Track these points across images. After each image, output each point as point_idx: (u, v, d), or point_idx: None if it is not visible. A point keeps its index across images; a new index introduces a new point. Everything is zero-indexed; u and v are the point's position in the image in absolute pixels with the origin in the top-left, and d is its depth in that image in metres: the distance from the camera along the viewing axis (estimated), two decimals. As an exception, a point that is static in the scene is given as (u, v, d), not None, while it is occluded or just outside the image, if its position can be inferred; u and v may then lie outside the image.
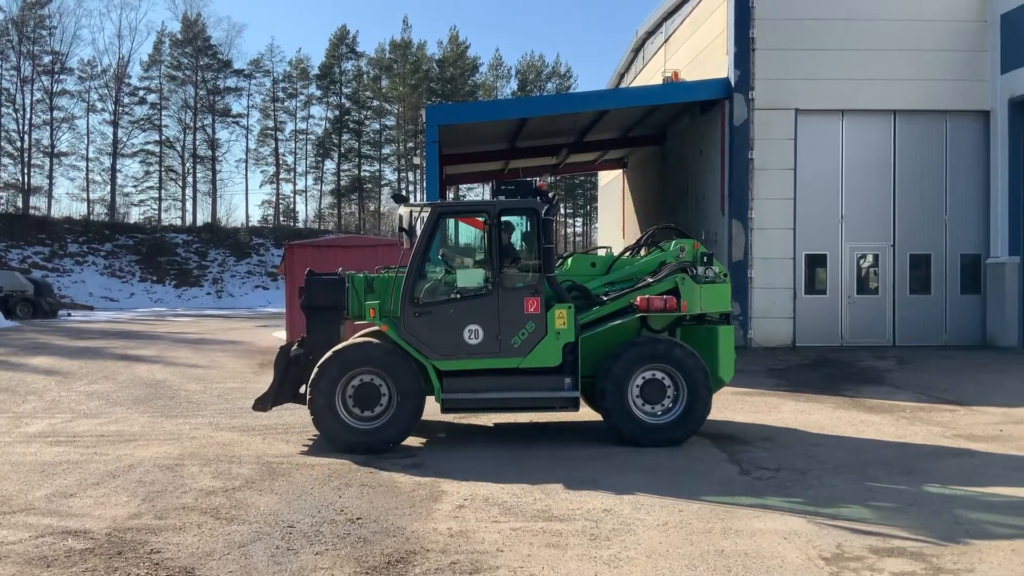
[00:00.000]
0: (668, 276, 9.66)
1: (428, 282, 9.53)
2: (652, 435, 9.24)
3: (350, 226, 74.88)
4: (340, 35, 76.63)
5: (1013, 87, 19.16)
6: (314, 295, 9.87)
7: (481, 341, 9.20)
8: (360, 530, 6.30)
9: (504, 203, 9.41)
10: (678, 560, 5.60)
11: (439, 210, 9.49)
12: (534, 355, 9.24)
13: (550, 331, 9.23)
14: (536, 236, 9.35)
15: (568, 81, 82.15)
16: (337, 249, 19.18)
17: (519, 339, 9.22)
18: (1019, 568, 5.40)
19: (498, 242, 9.24)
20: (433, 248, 9.55)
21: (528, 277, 9.34)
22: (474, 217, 9.91)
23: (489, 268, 9.33)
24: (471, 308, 9.26)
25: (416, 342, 9.19)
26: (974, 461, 8.51)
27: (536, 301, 9.21)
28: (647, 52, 29.94)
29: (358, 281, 9.96)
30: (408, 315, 9.21)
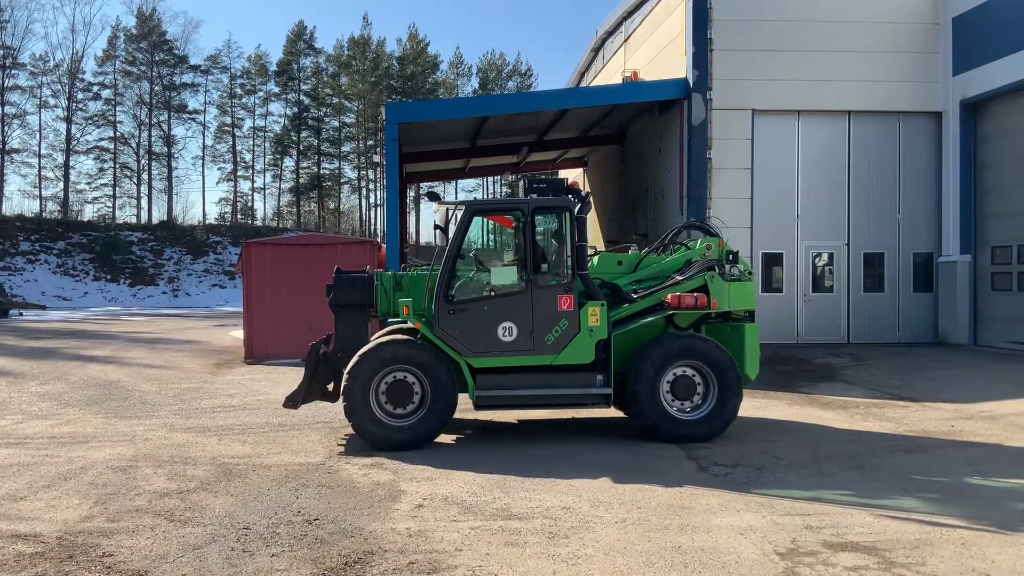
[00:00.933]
0: (697, 274, 9.79)
1: (462, 280, 9.59)
2: (686, 431, 9.36)
3: (309, 224, 74.23)
4: (298, 31, 75.93)
5: (965, 89, 19.54)
6: (342, 293, 9.95)
7: (515, 338, 9.28)
8: (317, 531, 6.25)
9: (538, 201, 9.48)
10: (636, 557, 5.63)
11: (473, 208, 9.59)
12: (567, 352, 9.32)
13: (583, 328, 9.32)
14: (569, 234, 9.42)
15: (529, 80, 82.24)
16: (296, 247, 18.96)
17: (552, 336, 9.31)
18: (969, 561, 5.51)
19: (532, 240, 9.30)
20: (467, 246, 9.61)
21: (562, 274, 9.42)
22: (508, 215, 9.89)
23: (523, 266, 9.37)
24: (505, 305, 9.33)
25: (450, 339, 9.26)
26: (926, 457, 8.67)
27: (570, 299, 9.31)
28: (607, 51, 30.06)
29: (387, 279, 10.05)
30: (443, 313, 9.27)
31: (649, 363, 9.33)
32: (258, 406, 12.30)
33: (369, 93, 73.81)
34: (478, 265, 9.91)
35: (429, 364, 9.15)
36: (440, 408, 9.17)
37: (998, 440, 9.45)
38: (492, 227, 10.37)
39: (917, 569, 5.37)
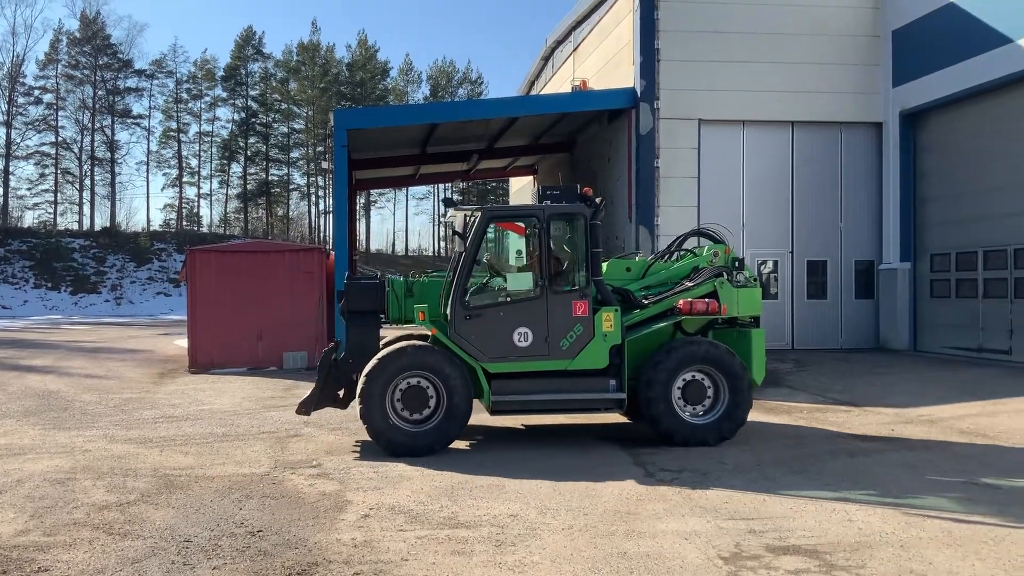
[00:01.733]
0: (707, 280, 9.91)
1: (478, 286, 9.66)
2: (700, 435, 9.48)
3: (257, 231, 73.28)
4: (246, 36, 75.03)
5: (904, 100, 20.03)
6: (354, 300, 9.93)
7: (530, 344, 9.34)
8: (260, 543, 6.16)
9: (554, 208, 9.51)
10: (582, 564, 5.65)
11: (489, 215, 9.63)
12: (582, 357, 9.40)
13: (597, 333, 9.41)
14: (584, 240, 9.48)
15: (480, 87, 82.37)
16: (242, 254, 18.69)
17: (567, 341, 9.38)
18: (907, 563, 5.62)
19: (547, 246, 9.36)
20: (482, 252, 9.66)
21: (577, 280, 9.48)
22: (524, 222, 9.90)
23: (538, 272, 9.41)
24: (521, 311, 9.38)
25: (466, 345, 9.31)
26: (867, 460, 8.83)
27: (584, 304, 9.40)
28: (556, 60, 30.23)
29: (398, 285, 10.15)
30: (459, 318, 9.31)
31: (663, 369, 9.45)
32: (202, 416, 12.10)
33: (318, 99, 73.26)
34: (494, 271, 9.98)
35: (445, 369, 9.17)
36: (456, 413, 9.20)
37: (937, 444, 9.67)
38: (510, 232, 10.37)
39: (857, 572, 5.47)
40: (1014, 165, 17.36)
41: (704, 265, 10.31)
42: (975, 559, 5.68)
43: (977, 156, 18.40)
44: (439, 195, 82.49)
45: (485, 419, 11.03)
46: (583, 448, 9.54)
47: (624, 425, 10.97)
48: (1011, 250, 17.45)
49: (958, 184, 18.99)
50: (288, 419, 11.73)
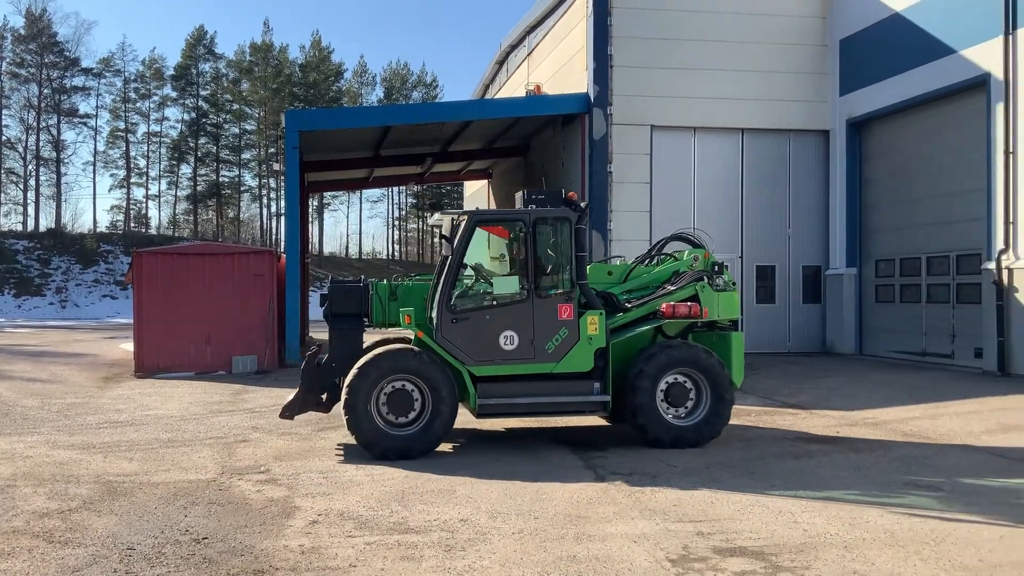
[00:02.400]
0: (688, 284, 10.07)
1: (464, 289, 9.73)
2: (684, 436, 9.59)
3: (207, 233, 72.24)
4: (197, 35, 73.99)
5: (851, 108, 20.44)
6: (337, 303, 9.94)
7: (516, 347, 9.38)
8: (206, 550, 6.06)
9: (539, 212, 9.57)
10: (531, 568, 5.65)
11: (475, 218, 9.65)
12: (567, 360, 9.46)
13: (582, 337, 9.48)
14: (569, 244, 9.55)
15: (434, 91, 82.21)
16: (190, 257, 18.38)
17: (553, 344, 9.43)
18: (851, 564, 5.72)
19: (533, 250, 9.42)
20: (468, 256, 9.67)
21: (562, 284, 9.55)
22: (510, 226, 9.95)
23: (524, 275, 9.47)
24: (507, 314, 9.44)
25: (453, 348, 9.33)
26: (812, 462, 8.97)
27: (569, 308, 9.46)
28: (511, 65, 30.31)
29: (382, 288, 10.18)
30: (445, 322, 9.33)
31: (647, 372, 9.54)
32: (147, 422, 11.88)
33: (271, 100, 72.50)
34: (479, 275, 10.00)
35: (430, 373, 9.19)
36: (442, 417, 9.21)
37: (881, 445, 9.86)
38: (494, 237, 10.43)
39: (802, 573, 5.55)
40: (956, 173, 17.81)
41: (685, 269, 10.47)
42: (917, 559, 5.79)
43: (921, 164, 18.84)
44: (393, 198, 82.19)
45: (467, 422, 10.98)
46: (535, 452, 9.56)
47: (577, 428, 11.02)
48: (953, 256, 17.88)
49: (903, 191, 19.42)
50: (236, 424, 11.57)
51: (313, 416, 12.15)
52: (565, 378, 9.56)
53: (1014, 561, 5.74)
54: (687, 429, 9.64)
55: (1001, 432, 10.67)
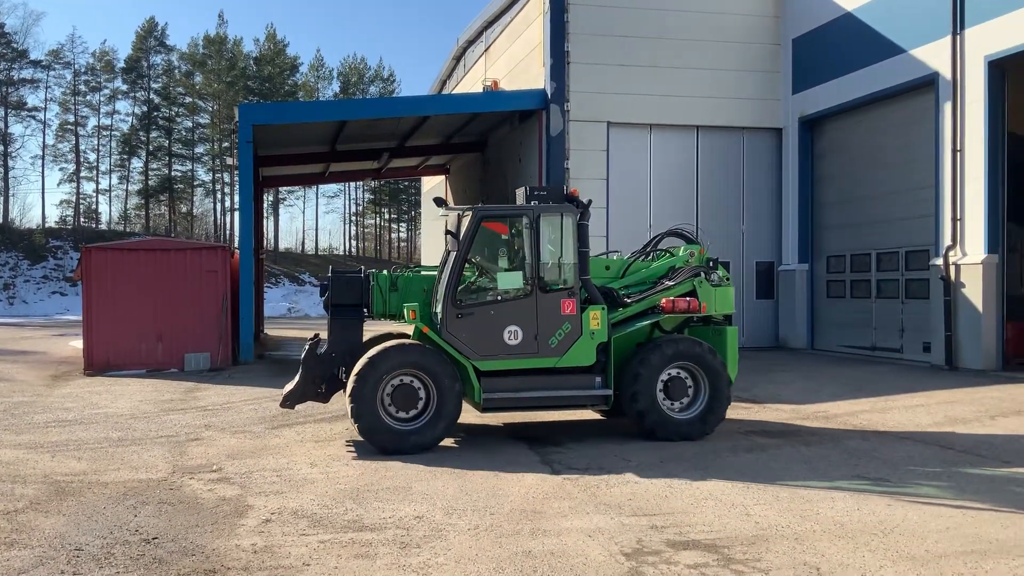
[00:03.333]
0: (687, 279, 10.21)
1: (468, 284, 9.79)
2: (684, 429, 9.78)
3: (159, 229, 71.04)
4: (148, 27, 72.64)
5: (803, 107, 20.73)
6: (338, 293, 9.96)
7: (520, 341, 9.49)
8: (156, 550, 5.96)
9: (543, 208, 9.68)
10: (486, 564, 5.65)
11: (480, 214, 9.66)
12: (570, 355, 9.60)
13: (585, 331, 9.60)
14: (572, 240, 9.66)
15: (392, 85, 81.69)
16: (141, 253, 18.04)
17: (556, 339, 9.55)
18: (801, 556, 5.80)
19: (537, 245, 9.54)
20: (472, 252, 9.75)
21: (565, 279, 9.64)
22: (514, 221, 9.95)
23: (527, 271, 9.57)
24: (511, 309, 9.54)
25: (457, 343, 9.40)
26: (764, 456, 9.09)
27: (572, 303, 9.60)
28: (468, 60, 30.24)
29: (383, 279, 10.16)
30: (450, 317, 9.39)
31: (648, 366, 9.69)
32: (97, 420, 11.66)
33: (224, 93, 71.47)
34: (483, 270, 10.07)
35: (435, 368, 9.24)
36: (446, 411, 9.27)
37: (832, 438, 10.02)
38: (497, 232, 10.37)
39: (754, 565, 5.62)
40: (905, 171, 18.16)
41: (681, 265, 10.60)
42: (865, 550, 5.89)
43: (871, 162, 19.17)
44: (350, 194, 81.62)
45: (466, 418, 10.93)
46: (492, 448, 9.56)
47: (534, 424, 11.03)
48: (902, 252, 18.24)
49: (853, 188, 19.76)
50: (188, 422, 11.41)
51: (267, 414, 12.05)
52: (567, 372, 9.70)
53: (958, 551, 5.87)
54: (686, 422, 9.84)
55: (948, 424, 10.91)
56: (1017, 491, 7.53)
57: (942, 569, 5.51)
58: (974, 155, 16.07)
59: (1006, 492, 7.46)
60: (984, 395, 13.29)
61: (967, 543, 6.04)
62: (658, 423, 9.73)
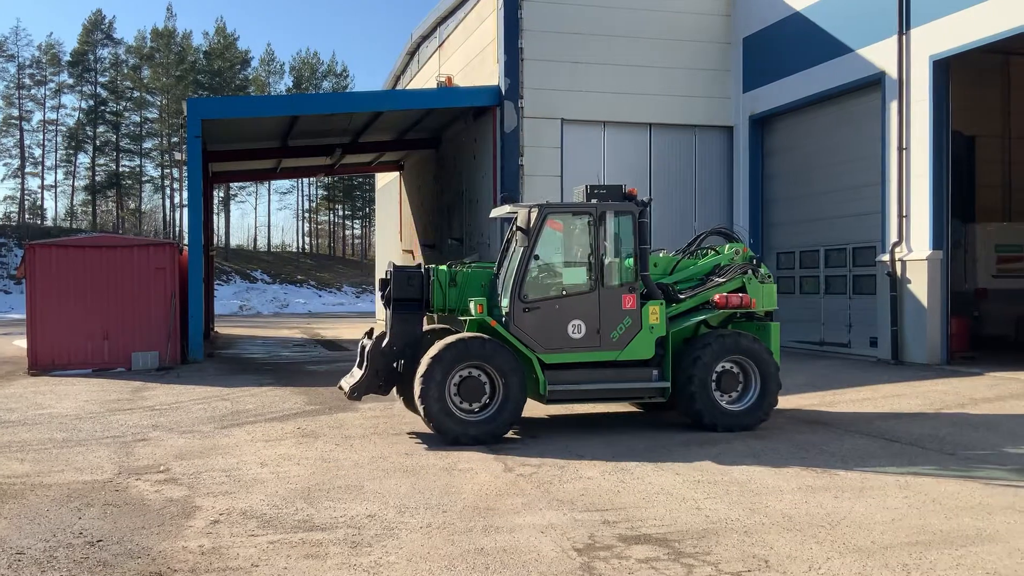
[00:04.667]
0: (736, 276, 10.57)
1: (534, 280, 9.97)
2: (736, 421, 10.09)
3: (107, 225, 69.72)
4: (95, 20, 71.18)
5: (753, 105, 20.98)
6: (398, 288, 10.09)
7: (583, 335, 9.77)
8: (100, 553, 5.84)
9: (606, 205, 9.97)
10: (438, 562, 5.62)
11: (546, 211, 9.86)
12: (630, 348, 9.90)
13: (644, 326, 9.91)
14: (633, 237, 9.97)
15: (345, 80, 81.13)
16: (87, 250, 17.64)
17: (617, 333, 9.85)
18: (750, 549, 5.86)
19: (600, 242, 9.86)
20: (539, 247, 9.92)
21: (626, 275, 9.93)
22: (578, 218, 10.17)
23: (590, 267, 9.88)
24: (575, 304, 9.83)
25: (524, 336, 9.65)
26: (715, 450, 9.18)
27: (633, 298, 9.90)
28: (422, 55, 30.08)
29: (443, 274, 10.32)
30: (517, 311, 9.65)
31: (703, 360, 9.98)
32: (41, 421, 11.38)
33: (173, 87, 70.31)
34: (549, 266, 10.26)
35: (503, 361, 9.46)
36: (513, 402, 9.50)
37: (781, 432, 10.14)
38: (566, 229, 10.48)
39: (703, 558, 5.67)
40: (853, 168, 18.48)
41: (725, 263, 10.90)
42: (813, 542, 5.98)
43: (819, 159, 19.48)
44: (303, 190, 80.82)
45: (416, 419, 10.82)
46: (444, 446, 9.51)
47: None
48: (850, 249, 18.56)
49: (802, 186, 20.05)
50: (135, 422, 11.19)
51: (217, 413, 11.89)
52: (625, 365, 9.99)
53: (903, 542, 5.98)
54: (738, 414, 10.15)
55: (893, 418, 11.12)
56: (960, 483, 7.69)
57: (887, 560, 5.61)
58: (919, 153, 16.40)
59: (949, 484, 7.62)
60: (929, 389, 13.58)
61: (912, 534, 6.16)
62: (713, 415, 10.04)
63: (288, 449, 9.42)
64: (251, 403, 12.84)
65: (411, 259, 30.96)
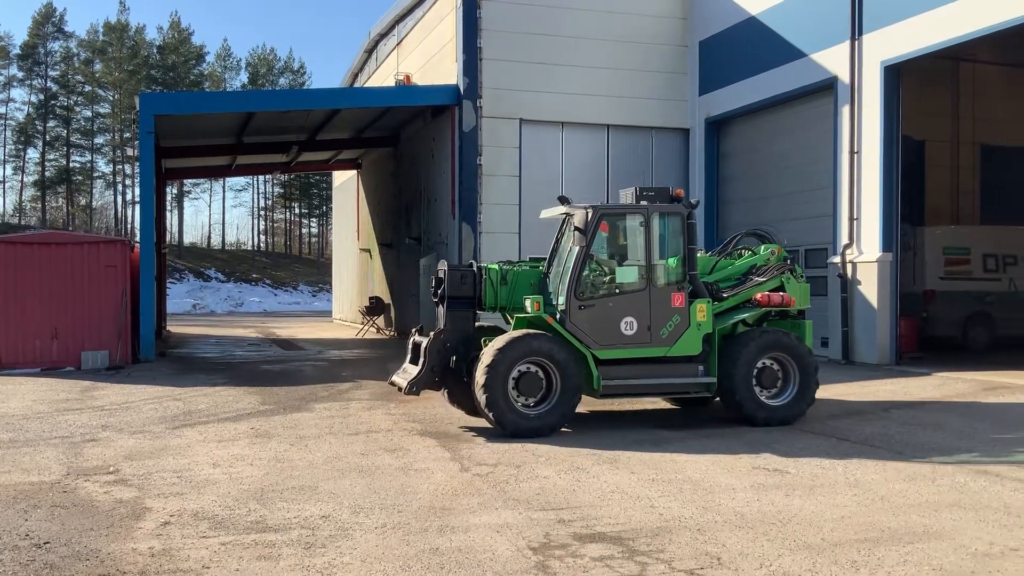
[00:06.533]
0: (776, 276, 11.01)
1: (589, 279, 10.31)
2: (779, 415, 10.50)
3: (57, 222, 68.15)
4: (46, 12, 69.58)
5: (709, 108, 21.20)
6: (453, 287, 10.40)
7: (635, 332, 10.16)
8: (47, 555, 5.72)
9: (657, 207, 10.39)
10: (393, 562, 5.59)
11: (600, 212, 10.23)
12: (679, 345, 10.31)
13: (692, 323, 10.31)
14: (682, 237, 10.40)
15: (302, 77, 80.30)
16: (34, 247, 17.23)
17: (667, 330, 10.25)
18: (703, 546, 5.93)
19: (651, 242, 10.27)
20: (594, 247, 10.28)
21: (675, 274, 10.35)
22: (630, 219, 10.61)
23: (642, 266, 10.30)
24: (627, 302, 10.23)
25: (580, 333, 10.00)
26: (670, 449, 9.25)
27: (681, 296, 10.30)
28: (380, 53, 29.93)
29: (495, 273, 10.63)
30: (573, 308, 9.98)
31: (745, 357, 10.34)
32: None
33: (126, 82, 68.98)
34: (602, 266, 10.59)
35: (560, 356, 9.77)
36: (570, 396, 9.86)
37: (733, 432, 10.22)
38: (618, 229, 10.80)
39: (657, 556, 5.71)
40: (806, 171, 18.76)
41: (762, 264, 11.28)
42: (764, 540, 6.06)
43: (774, 162, 19.74)
44: (259, 187, 79.87)
45: (375, 418, 10.71)
46: (401, 446, 9.48)
47: (439, 422, 10.98)
48: (802, 250, 18.83)
49: (757, 188, 20.31)
50: (84, 422, 10.98)
51: (168, 413, 11.72)
52: (673, 361, 10.38)
53: (852, 539, 6.08)
54: (779, 408, 10.55)
55: (844, 416, 11.31)
56: (908, 482, 7.85)
57: (837, 557, 5.70)
58: (870, 157, 16.70)
59: (897, 483, 7.77)
60: (878, 388, 13.84)
61: (861, 531, 6.27)
62: (755, 410, 10.39)
63: (241, 449, 9.31)
64: (204, 403, 12.67)
65: (368, 258, 30.80)
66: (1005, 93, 22.33)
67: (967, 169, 22.63)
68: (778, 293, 10.83)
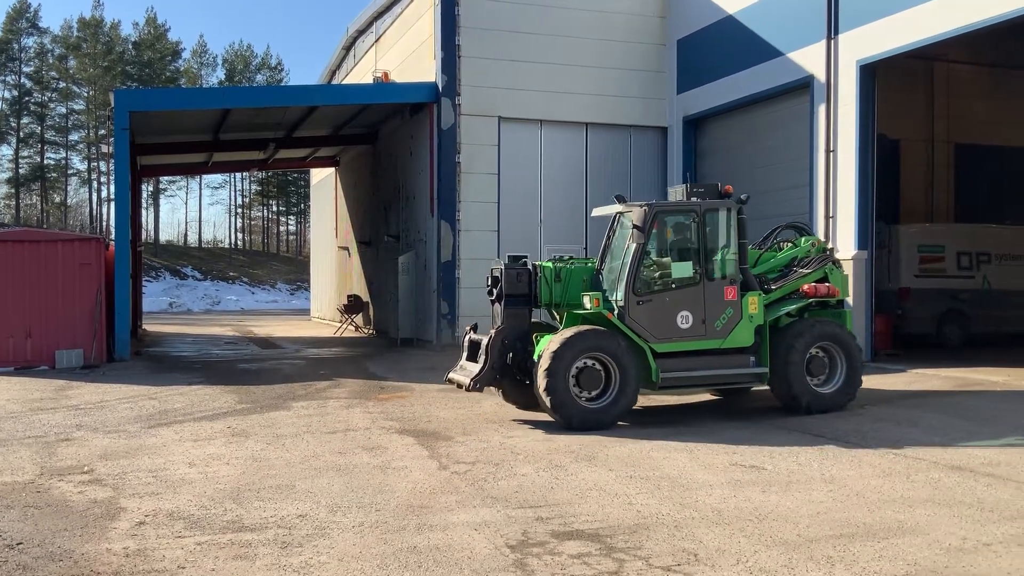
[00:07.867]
0: (820, 267, 11.36)
1: (646, 274, 10.61)
2: (829, 402, 10.95)
3: (31, 219, 67.34)
4: (20, 8, 68.66)
5: (687, 106, 21.27)
6: (509, 284, 10.66)
7: (691, 325, 10.48)
8: (20, 556, 5.66)
9: (709, 203, 10.75)
10: (370, 561, 5.58)
11: (656, 209, 10.55)
12: (732, 337, 10.61)
13: (744, 316, 10.62)
14: (734, 232, 10.67)
15: (279, 74, 79.77)
16: (8, 244, 16.98)
17: (720, 323, 10.55)
18: (680, 543, 5.95)
19: (704, 237, 10.58)
20: (650, 244, 10.60)
21: (727, 268, 10.61)
22: (684, 216, 10.91)
23: (696, 261, 10.59)
24: (682, 296, 10.52)
25: (638, 327, 10.28)
26: (647, 446, 9.28)
27: (734, 289, 10.59)
28: (358, 50, 29.79)
29: (548, 271, 10.90)
30: (631, 303, 10.24)
31: (798, 347, 10.70)
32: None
33: (101, 78, 68.21)
34: (658, 261, 10.88)
35: (622, 351, 10.06)
36: (630, 389, 10.14)
37: (709, 429, 10.29)
38: (671, 225, 11.10)
39: (635, 553, 5.73)
40: (783, 170, 18.87)
41: (802, 256, 11.58)
42: (741, 536, 6.09)
43: (751, 161, 19.84)
44: (236, 184, 79.34)
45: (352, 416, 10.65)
46: (379, 444, 9.45)
47: (410, 420, 10.96)
48: (780, 249, 18.90)
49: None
50: (58, 422, 10.86)
51: (144, 412, 11.62)
52: (726, 353, 10.68)
53: (828, 535, 6.13)
54: (828, 395, 11.00)
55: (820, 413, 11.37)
56: (883, 477, 7.92)
57: (813, 552, 5.75)
58: (846, 156, 16.82)
59: (873, 478, 7.84)
60: (854, 385, 13.92)
61: (836, 527, 6.32)
62: (807, 398, 10.76)
63: (217, 449, 9.24)
64: (179, 402, 12.58)
65: (347, 256, 30.68)
66: (979, 93, 22.55)
67: (942, 168, 22.83)
68: (823, 284, 11.19)
